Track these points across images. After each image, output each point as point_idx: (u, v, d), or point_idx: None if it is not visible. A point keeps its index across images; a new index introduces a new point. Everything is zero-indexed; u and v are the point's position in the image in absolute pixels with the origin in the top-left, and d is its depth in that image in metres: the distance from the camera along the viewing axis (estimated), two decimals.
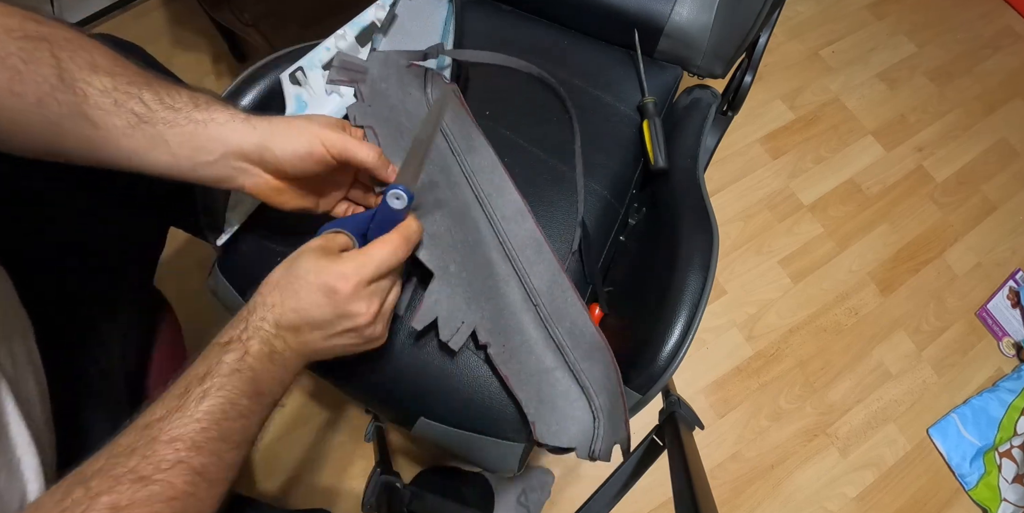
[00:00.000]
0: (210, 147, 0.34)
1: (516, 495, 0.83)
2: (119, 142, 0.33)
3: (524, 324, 0.46)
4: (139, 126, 0.33)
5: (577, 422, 0.44)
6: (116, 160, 0.34)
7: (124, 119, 0.32)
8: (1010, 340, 1.12)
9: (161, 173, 0.35)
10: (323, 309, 0.34)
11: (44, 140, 0.32)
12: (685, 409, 0.53)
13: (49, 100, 0.31)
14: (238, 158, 0.35)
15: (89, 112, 0.32)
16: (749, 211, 1.14)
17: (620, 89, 0.61)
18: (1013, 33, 1.42)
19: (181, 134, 0.33)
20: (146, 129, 0.33)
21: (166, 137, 0.33)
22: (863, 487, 0.98)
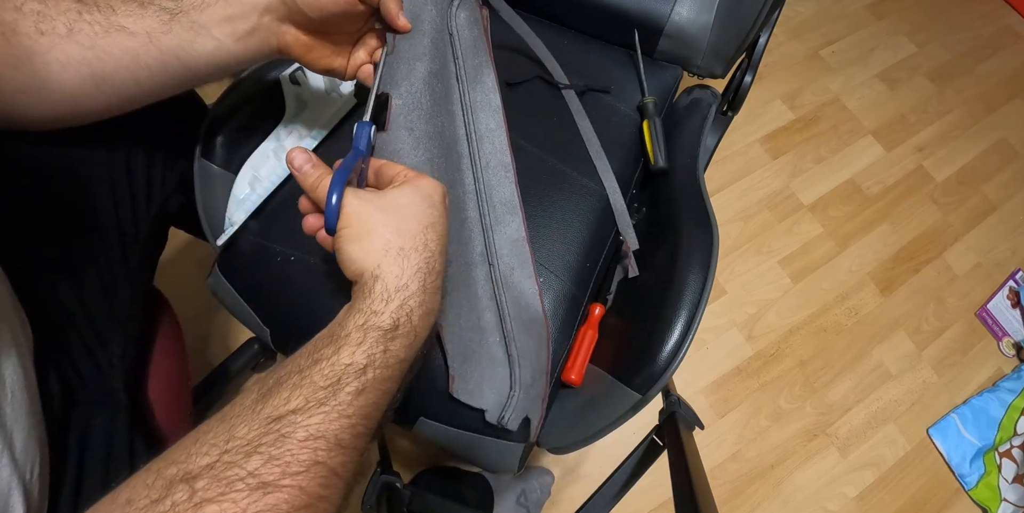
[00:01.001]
0: (244, 13, 0.35)
1: (516, 495, 0.83)
2: (160, 42, 0.33)
3: (475, 278, 0.46)
4: (173, 21, 0.33)
5: (494, 388, 0.44)
6: (164, 64, 0.34)
7: (156, 17, 0.33)
8: (1010, 340, 1.12)
9: (209, 62, 0.35)
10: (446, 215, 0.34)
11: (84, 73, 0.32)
12: (685, 409, 0.53)
13: (80, 25, 0.31)
14: (270, 15, 0.35)
15: (121, 21, 0.32)
16: (749, 211, 1.14)
17: (620, 89, 0.61)
18: (1013, 33, 1.42)
19: (215, 12, 0.34)
20: (181, 21, 0.33)
21: (203, 21, 0.34)
22: (863, 487, 0.98)
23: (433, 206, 0.33)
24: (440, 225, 0.33)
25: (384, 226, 0.30)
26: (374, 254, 0.30)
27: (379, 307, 0.28)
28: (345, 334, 0.28)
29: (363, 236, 0.30)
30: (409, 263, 0.30)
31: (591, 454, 0.93)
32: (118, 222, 0.44)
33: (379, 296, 0.29)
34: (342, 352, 0.27)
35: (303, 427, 0.24)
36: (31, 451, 0.33)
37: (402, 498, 0.60)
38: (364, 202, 0.31)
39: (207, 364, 0.84)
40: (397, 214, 0.31)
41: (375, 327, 0.28)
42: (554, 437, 0.50)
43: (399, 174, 0.35)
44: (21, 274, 0.35)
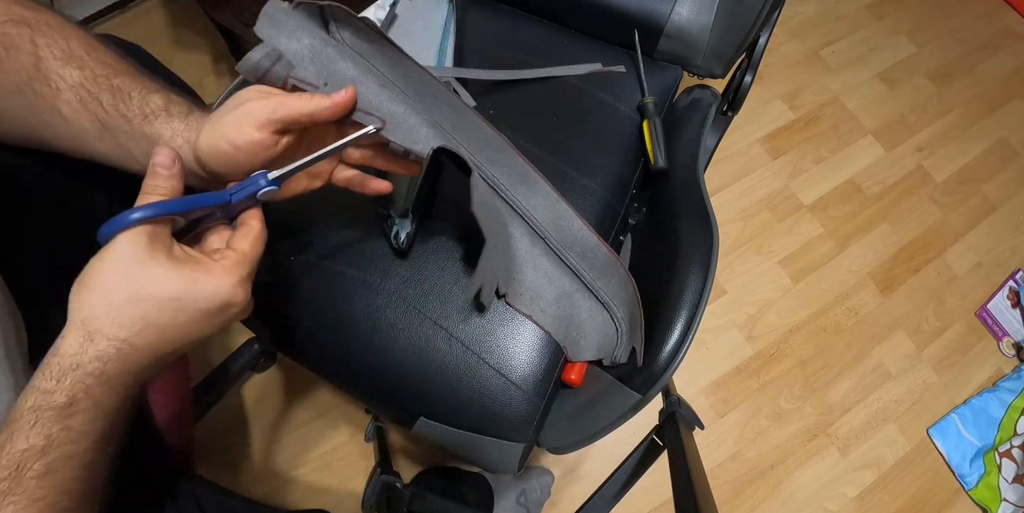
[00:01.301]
0: None
1: (516, 495, 0.83)
2: (93, 144, 0.32)
3: (537, 258, 0.48)
4: (104, 131, 0.32)
5: (602, 335, 0.49)
6: (96, 159, 0.33)
7: (90, 122, 0.31)
8: (1010, 340, 1.12)
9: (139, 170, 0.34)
10: (215, 325, 0.31)
11: (25, 127, 0.32)
12: (685, 409, 0.53)
13: (27, 90, 0.30)
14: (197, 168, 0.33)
15: (62, 107, 0.31)
16: (749, 211, 1.14)
17: (620, 89, 0.61)
18: (1013, 33, 1.42)
19: (139, 145, 0.32)
20: (110, 137, 0.32)
21: (129, 146, 0.32)
22: (863, 487, 0.98)
23: (182, 310, 0.29)
24: (172, 331, 0.29)
25: (105, 298, 0.27)
26: (73, 318, 0.27)
27: (50, 385, 0.26)
28: (18, 417, 0.26)
29: (85, 288, 0.28)
30: (93, 347, 0.27)
31: (591, 454, 0.93)
32: None
33: (51, 373, 0.26)
34: (16, 438, 0.25)
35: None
36: None
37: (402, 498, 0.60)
38: (128, 257, 0.27)
39: (207, 364, 0.84)
40: (130, 295, 0.27)
41: (47, 407, 0.26)
42: (554, 437, 0.50)
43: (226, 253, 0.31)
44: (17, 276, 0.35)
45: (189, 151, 0.33)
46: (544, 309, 0.49)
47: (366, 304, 0.49)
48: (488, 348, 0.48)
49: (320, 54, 0.35)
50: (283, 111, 0.31)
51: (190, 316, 0.29)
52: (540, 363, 0.49)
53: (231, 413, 0.88)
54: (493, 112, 0.57)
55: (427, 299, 0.49)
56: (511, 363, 0.48)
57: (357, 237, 0.51)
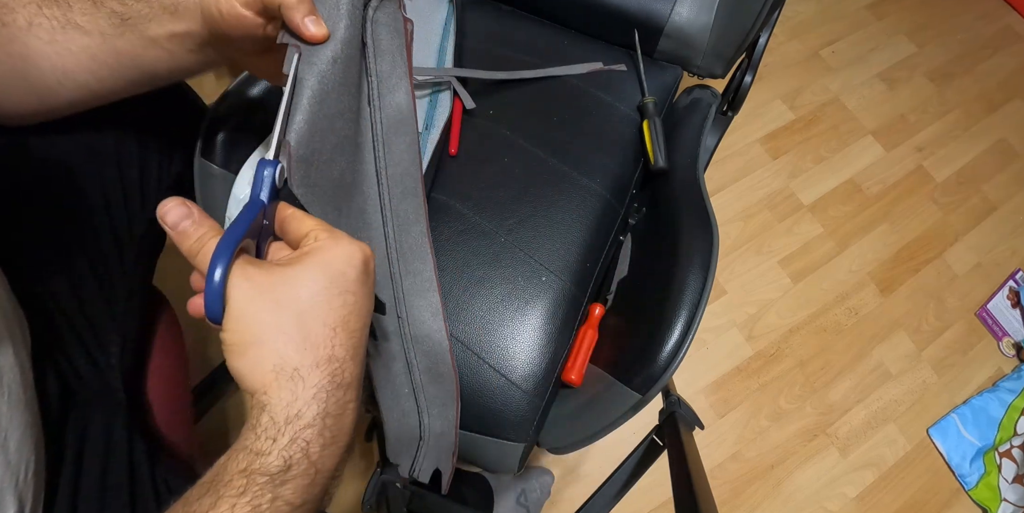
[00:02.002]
0: (190, 31, 0.33)
1: (516, 495, 0.83)
2: (114, 45, 0.32)
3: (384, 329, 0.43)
4: (124, 25, 0.32)
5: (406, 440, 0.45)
6: (122, 65, 0.33)
7: (108, 20, 0.32)
8: (1010, 340, 1.12)
9: (168, 68, 0.34)
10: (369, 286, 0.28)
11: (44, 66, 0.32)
12: (685, 409, 0.53)
13: (39, 19, 0.31)
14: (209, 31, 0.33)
15: (77, 19, 0.32)
16: (749, 211, 1.14)
17: (620, 89, 0.61)
18: (1013, 33, 1.42)
19: (161, 25, 0.33)
20: (131, 27, 0.32)
21: (151, 32, 0.32)
22: (863, 487, 0.98)
23: (346, 291, 0.26)
24: (354, 317, 0.26)
25: (278, 334, 0.24)
26: (261, 375, 0.24)
27: (265, 446, 0.23)
28: (227, 481, 0.23)
29: (250, 346, 0.24)
30: (306, 386, 0.24)
31: (591, 454, 0.93)
32: (111, 220, 0.43)
33: (264, 432, 0.24)
34: (220, 505, 0.22)
35: None
36: (25, 452, 0.33)
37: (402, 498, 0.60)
38: (255, 292, 0.24)
39: (207, 364, 0.83)
40: (297, 313, 0.25)
41: (261, 472, 0.23)
42: (554, 437, 0.50)
43: (309, 235, 0.28)
44: (17, 271, 0.35)
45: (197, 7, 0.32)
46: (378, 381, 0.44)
47: None
48: (488, 348, 0.48)
49: None
50: None
51: (356, 294, 0.27)
52: (540, 363, 0.49)
53: (231, 413, 0.88)
54: (493, 112, 0.57)
55: None
56: (511, 363, 0.48)
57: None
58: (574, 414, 0.50)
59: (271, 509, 0.23)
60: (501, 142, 0.55)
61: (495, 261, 0.51)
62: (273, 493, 0.23)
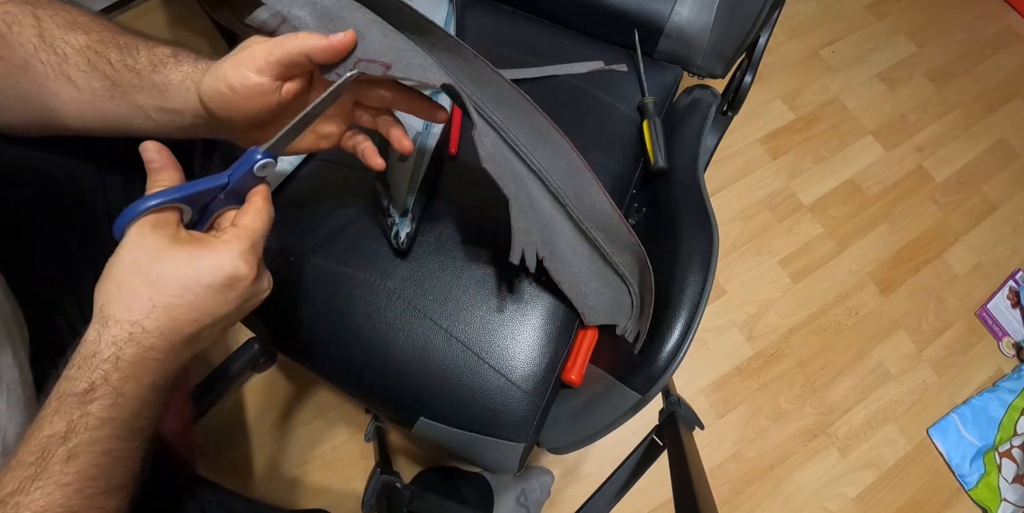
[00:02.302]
0: (178, 110, 0.33)
1: (516, 495, 0.83)
2: (104, 105, 0.32)
3: (560, 223, 0.47)
4: (114, 90, 0.32)
5: (617, 303, 0.50)
6: (108, 125, 0.33)
7: (100, 82, 0.32)
8: (1010, 340, 1.12)
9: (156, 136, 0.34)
10: (229, 303, 0.30)
11: (37, 104, 0.32)
12: (685, 409, 0.53)
13: (34, 62, 0.31)
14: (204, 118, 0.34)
15: (70, 72, 0.31)
16: (749, 211, 1.14)
17: (620, 89, 0.61)
18: (1013, 33, 1.42)
19: (149, 98, 0.33)
20: (120, 94, 0.32)
21: (140, 102, 0.32)
22: (863, 487, 0.98)
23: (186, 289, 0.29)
24: (184, 310, 0.29)
25: (117, 286, 0.28)
26: (95, 314, 0.28)
27: (72, 373, 0.27)
28: (44, 404, 0.27)
29: (103, 279, 0.29)
30: (107, 333, 0.28)
31: (591, 454, 0.93)
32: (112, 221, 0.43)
33: (73, 362, 0.28)
34: (42, 423, 0.26)
35: (26, 507, 0.25)
36: None
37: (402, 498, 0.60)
38: (135, 246, 0.28)
39: (207, 364, 0.84)
40: (139, 280, 0.28)
41: (68, 393, 0.27)
42: (554, 437, 0.50)
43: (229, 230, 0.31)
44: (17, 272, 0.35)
45: (196, 96, 0.33)
46: (568, 274, 0.47)
47: (366, 304, 0.49)
48: (488, 348, 0.48)
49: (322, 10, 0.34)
50: (279, 51, 0.31)
51: (196, 294, 0.29)
52: (540, 363, 0.49)
53: (231, 413, 0.88)
54: None
55: (427, 299, 0.49)
56: (511, 363, 0.48)
57: (357, 237, 0.51)
58: (574, 414, 0.50)
59: (82, 422, 0.27)
60: None
61: (495, 261, 0.51)
62: (81, 410, 0.27)
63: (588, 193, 0.48)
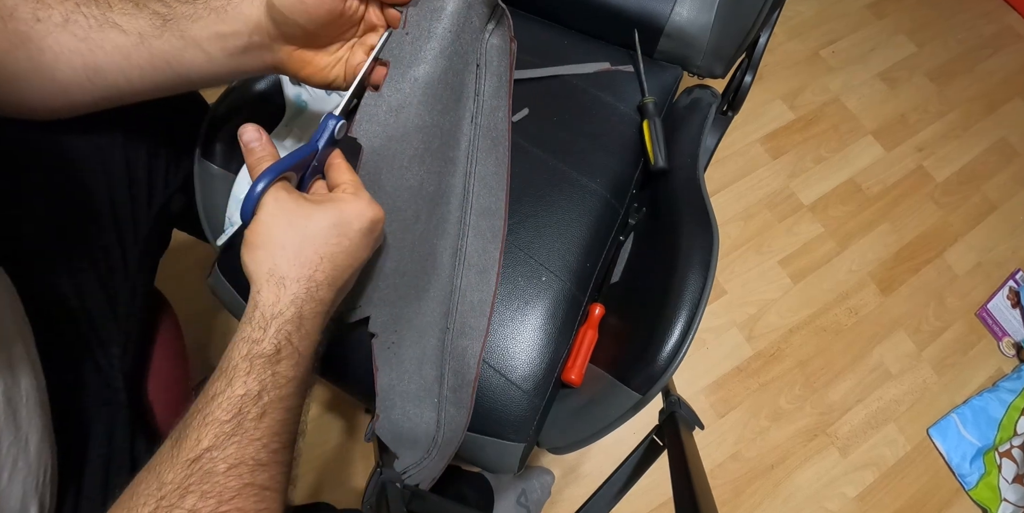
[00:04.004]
0: (236, 31, 0.34)
1: (516, 495, 0.83)
2: (151, 45, 0.33)
3: (426, 340, 0.45)
4: (165, 26, 0.33)
5: (416, 444, 0.45)
6: (155, 67, 0.34)
7: (149, 21, 0.33)
8: (1010, 340, 1.12)
9: (202, 75, 0.35)
10: (370, 245, 0.34)
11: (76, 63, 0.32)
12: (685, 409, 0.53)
13: (75, 16, 0.32)
14: (261, 33, 0.34)
15: (115, 18, 0.32)
16: (749, 211, 1.14)
17: (620, 89, 0.61)
18: (1013, 33, 1.42)
19: (206, 26, 0.33)
20: (172, 28, 0.33)
21: (193, 33, 0.33)
22: (863, 487, 0.98)
23: (344, 235, 0.32)
24: (342, 256, 0.32)
25: (280, 248, 0.31)
26: (258, 275, 0.31)
27: (258, 335, 0.30)
28: (233, 366, 0.29)
29: (258, 248, 0.31)
30: (286, 292, 0.30)
31: (591, 454, 0.93)
32: (116, 222, 0.43)
33: (257, 324, 0.30)
34: (235, 384, 0.28)
35: (222, 460, 0.27)
36: (44, 455, 0.33)
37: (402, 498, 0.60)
38: (281, 210, 0.31)
39: (207, 364, 0.84)
40: (300, 238, 0.31)
41: (258, 355, 0.29)
42: (554, 437, 0.50)
43: (341, 186, 0.35)
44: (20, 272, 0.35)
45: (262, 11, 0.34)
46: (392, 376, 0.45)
47: None
48: (488, 348, 0.48)
49: None
50: None
51: (351, 240, 0.33)
52: (540, 363, 0.49)
53: None
54: None
55: None
56: (511, 363, 0.48)
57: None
58: (574, 414, 0.50)
59: (272, 382, 0.29)
60: None
61: None
62: (272, 370, 0.29)
63: (471, 338, 0.46)
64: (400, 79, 0.37)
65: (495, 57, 0.43)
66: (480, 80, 0.42)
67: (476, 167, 0.44)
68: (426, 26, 0.37)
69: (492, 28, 0.42)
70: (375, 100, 0.37)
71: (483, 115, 0.43)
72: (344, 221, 0.32)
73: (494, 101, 0.44)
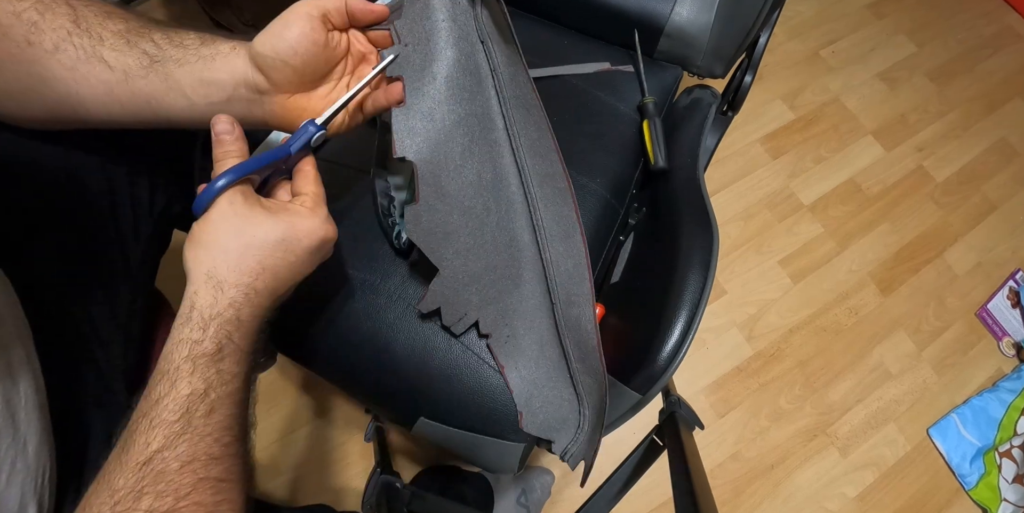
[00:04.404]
0: (220, 81, 0.34)
1: (516, 495, 0.83)
2: (135, 84, 0.33)
3: (538, 322, 0.46)
4: (152, 67, 0.33)
5: (565, 423, 0.45)
6: (135, 105, 0.34)
7: (137, 59, 0.33)
8: (1010, 340, 1.12)
9: (181, 119, 0.35)
10: (315, 262, 0.35)
11: (60, 91, 0.32)
12: (685, 409, 0.53)
13: (66, 45, 0.31)
14: (248, 87, 0.34)
15: (104, 54, 0.32)
16: (749, 211, 1.14)
17: (620, 89, 0.61)
18: (1013, 33, 1.42)
19: (191, 72, 0.33)
20: (158, 70, 0.33)
21: (177, 77, 0.33)
22: (863, 487, 0.98)
23: (290, 251, 0.32)
24: (284, 270, 0.32)
25: (222, 251, 0.30)
26: (196, 275, 0.31)
27: (197, 336, 0.29)
28: (175, 368, 0.29)
29: (201, 246, 0.31)
30: (223, 296, 0.30)
31: None
32: (116, 222, 0.43)
33: (196, 325, 0.30)
34: (179, 385, 0.28)
35: (174, 459, 0.27)
36: (43, 456, 0.33)
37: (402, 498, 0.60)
38: (234, 213, 0.31)
39: None
40: (244, 245, 0.31)
41: (200, 355, 0.29)
42: None
43: (301, 197, 0.34)
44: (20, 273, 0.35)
45: (248, 65, 0.34)
46: (519, 368, 0.45)
47: (366, 304, 0.49)
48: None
49: None
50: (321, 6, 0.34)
51: (297, 256, 0.33)
52: None
53: None
54: None
55: None
56: None
57: (357, 237, 0.51)
58: None
59: (218, 378, 0.29)
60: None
61: None
62: (216, 367, 0.29)
63: (579, 305, 0.46)
64: (420, 84, 0.37)
65: (492, 27, 0.43)
66: (491, 55, 0.42)
67: (521, 140, 0.44)
68: (420, 28, 0.37)
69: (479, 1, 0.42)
70: (405, 114, 0.37)
71: (506, 87, 0.43)
72: (293, 237, 0.32)
73: (510, 69, 0.43)
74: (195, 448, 0.28)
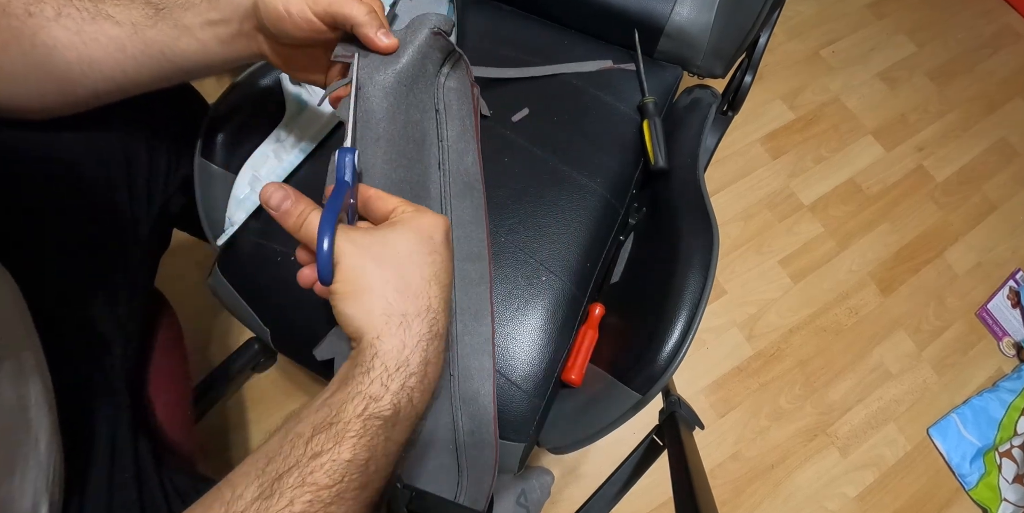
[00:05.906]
0: (226, 17, 0.34)
1: (516, 495, 0.83)
2: (145, 35, 0.33)
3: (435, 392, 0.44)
4: (158, 15, 0.33)
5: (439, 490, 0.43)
6: (150, 57, 0.34)
7: (141, 11, 0.33)
8: (1010, 340, 1.12)
9: (195, 60, 0.35)
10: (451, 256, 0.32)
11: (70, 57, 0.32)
12: (685, 409, 0.53)
13: (68, 9, 0.32)
14: (250, 22, 0.35)
15: (108, 10, 0.33)
16: (749, 211, 1.14)
17: (620, 89, 0.61)
18: (1013, 33, 1.42)
19: (198, 14, 0.34)
20: (165, 17, 0.33)
21: (186, 21, 0.34)
22: (863, 487, 0.98)
23: (435, 251, 0.30)
24: (444, 274, 0.30)
25: (384, 283, 0.28)
26: (373, 320, 0.27)
27: (378, 391, 0.26)
28: (344, 423, 0.26)
29: (360, 294, 0.28)
30: (411, 333, 0.27)
31: (591, 454, 0.93)
32: (116, 222, 0.43)
33: (378, 378, 0.27)
34: (343, 446, 0.25)
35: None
36: (53, 453, 0.33)
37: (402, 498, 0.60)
38: (360, 250, 0.28)
39: (207, 364, 0.84)
40: (397, 266, 0.28)
41: (376, 416, 0.26)
42: (554, 437, 0.50)
43: (396, 210, 0.32)
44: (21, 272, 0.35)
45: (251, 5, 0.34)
46: None
47: None
48: None
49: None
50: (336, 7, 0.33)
51: (442, 254, 0.31)
52: (540, 363, 0.49)
53: (231, 413, 0.88)
54: (493, 112, 0.57)
55: None
56: (511, 363, 0.48)
57: None
58: (574, 414, 0.50)
59: (383, 449, 0.26)
60: (501, 142, 0.55)
61: (495, 261, 0.51)
62: (386, 434, 0.26)
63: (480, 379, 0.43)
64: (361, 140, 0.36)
65: (454, 100, 0.42)
66: (442, 126, 0.41)
67: (452, 214, 0.43)
68: (379, 79, 0.36)
69: (448, 71, 0.41)
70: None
71: (450, 161, 0.42)
72: (427, 235, 0.30)
73: (460, 145, 0.43)
74: None
